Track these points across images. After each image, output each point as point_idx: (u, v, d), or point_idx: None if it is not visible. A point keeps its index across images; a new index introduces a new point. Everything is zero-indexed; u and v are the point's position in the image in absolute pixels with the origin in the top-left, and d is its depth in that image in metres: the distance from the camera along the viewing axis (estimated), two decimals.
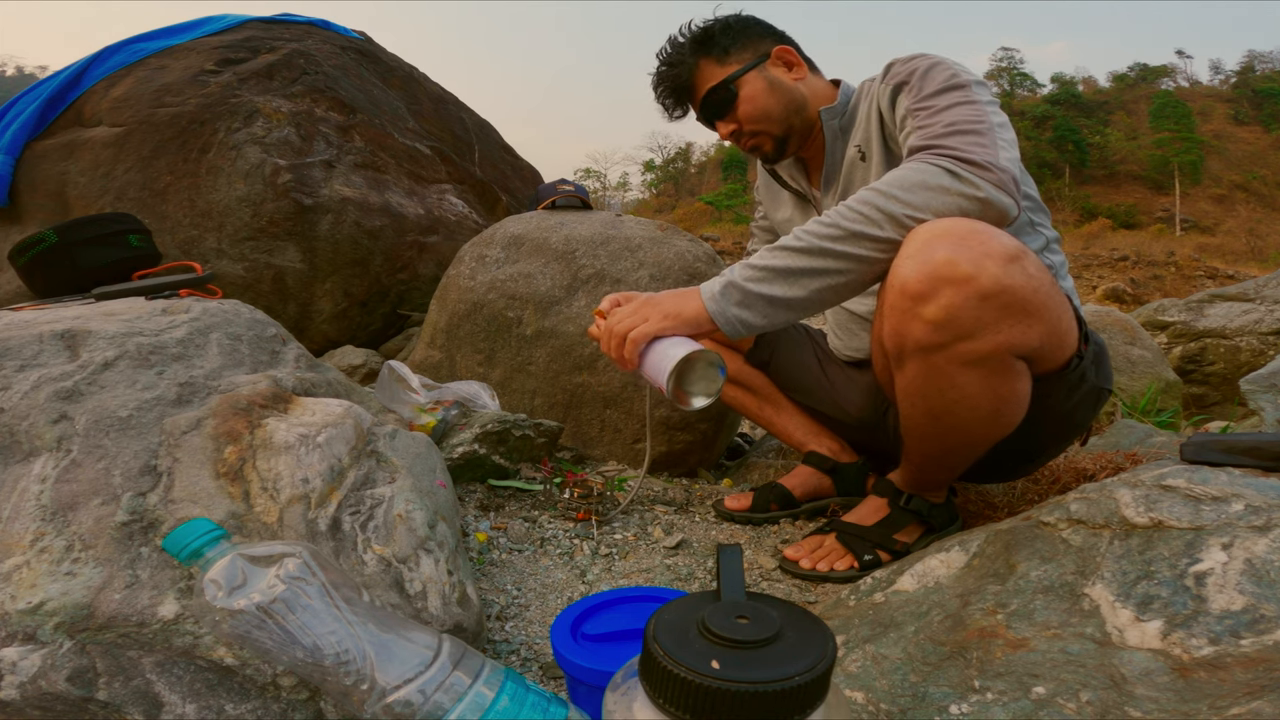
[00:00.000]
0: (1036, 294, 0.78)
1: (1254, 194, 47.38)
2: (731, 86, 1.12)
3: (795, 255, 0.85)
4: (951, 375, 0.82)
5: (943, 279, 0.75)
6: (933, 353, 0.81)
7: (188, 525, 0.58)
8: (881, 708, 0.64)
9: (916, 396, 0.89)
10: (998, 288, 0.74)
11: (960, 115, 0.89)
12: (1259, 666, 0.51)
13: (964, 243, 0.75)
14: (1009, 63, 61.29)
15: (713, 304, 0.87)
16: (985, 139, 0.86)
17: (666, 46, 1.18)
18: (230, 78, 2.60)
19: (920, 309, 0.78)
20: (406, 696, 0.52)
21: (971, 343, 0.77)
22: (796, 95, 1.14)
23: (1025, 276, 0.76)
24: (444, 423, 1.33)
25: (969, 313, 0.75)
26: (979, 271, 0.74)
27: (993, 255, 0.74)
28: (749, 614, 0.40)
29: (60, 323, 0.87)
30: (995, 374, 0.81)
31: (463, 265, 1.91)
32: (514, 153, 3.78)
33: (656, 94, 1.20)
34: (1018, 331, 0.78)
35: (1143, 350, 2.39)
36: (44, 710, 0.57)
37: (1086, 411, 1.03)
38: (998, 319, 0.76)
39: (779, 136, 1.15)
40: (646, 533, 1.26)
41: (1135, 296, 16.22)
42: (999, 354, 0.79)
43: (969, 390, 0.82)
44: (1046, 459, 1.16)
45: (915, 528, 1.09)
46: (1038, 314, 0.79)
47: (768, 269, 0.85)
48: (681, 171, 67.13)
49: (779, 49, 1.15)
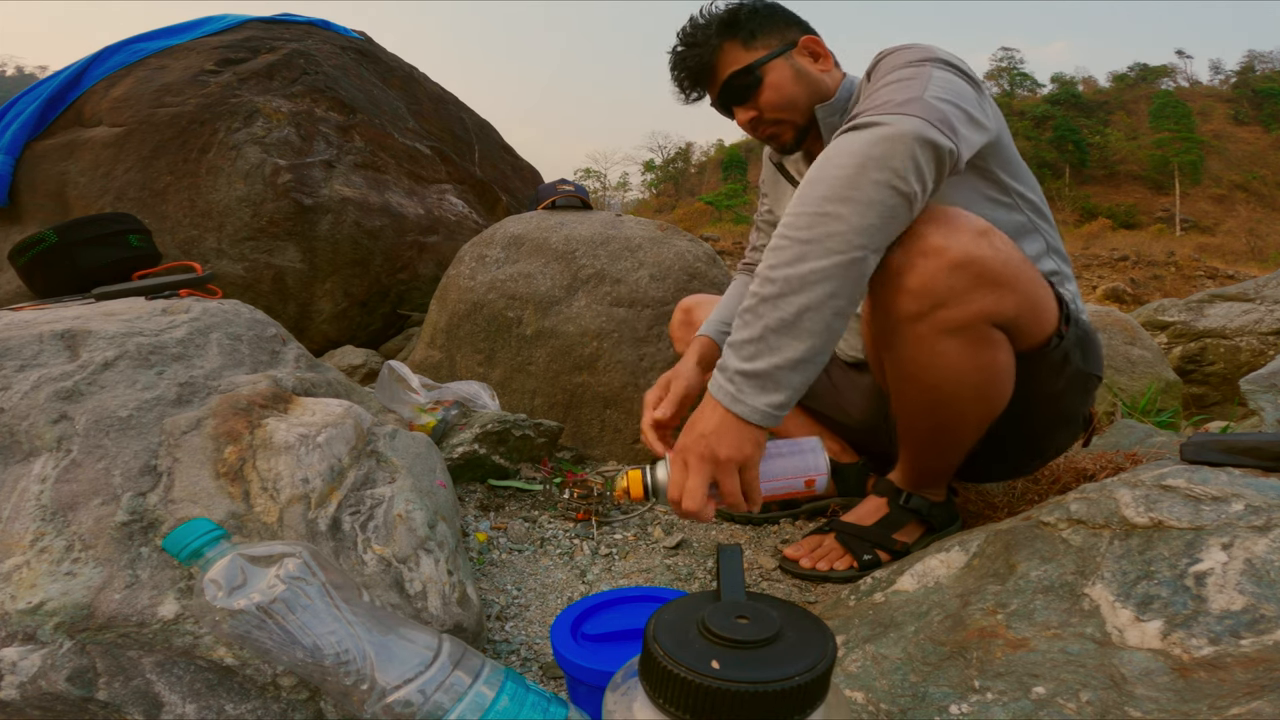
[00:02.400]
0: (1006, 266, 0.85)
1: (1254, 194, 47.38)
2: (757, 72, 1.09)
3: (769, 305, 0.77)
4: (934, 343, 0.87)
5: (917, 252, 0.83)
6: (916, 322, 0.87)
7: (188, 525, 0.58)
8: (881, 708, 0.64)
9: (905, 370, 0.93)
10: (967, 258, 0.82)
11: (892, 89, 0.85)
12: (1259, 666, 0.51)
13: (936, 222, 0.83)
14: (1009, 63, 61.34)
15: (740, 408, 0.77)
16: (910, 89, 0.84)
17: (687, 26, 1.14)
18: (230, 78, 2.60)
19: (900, 280, 0.85)
20: (406, 696, 0.52)
21: (949, 310, 0.84)
22: (822, 86, 1.12)
23: (993, 249, 0.84)
24: (444, 423, 1.33)
25: (943, 281, 0.83)
26: (950, 244, 0.82)
27: (962, 230, 0.83)
28: (749, 614, 0.40)
29: (60, 323, 0.87)
30: (975, 342, 0.87)
31: (463, 265, 1.91)
32: (514, 153, 3.78)
33: (674, 74, 1.15)
34: (991, 300, 0.85)
35: (1143, 350, 2.39)
36: (44, 710, 0.57)
37: (1076, 397, 1.02)
38: (970, 287, 0.83)
39: (801, 126, 1.13)
40: (646, 533, 1.26)
41: (1135, 296, 16.23)
42: (976, 321, 0.85)
43: (952, 359, 0.88)
44: (1046, 451, 1.13)
45: (915, 527, 1.10)
46: (1009, 285, 0.85)
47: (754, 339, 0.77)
48: (681, 171, 67.15)
49: (806, 38, 1.13)
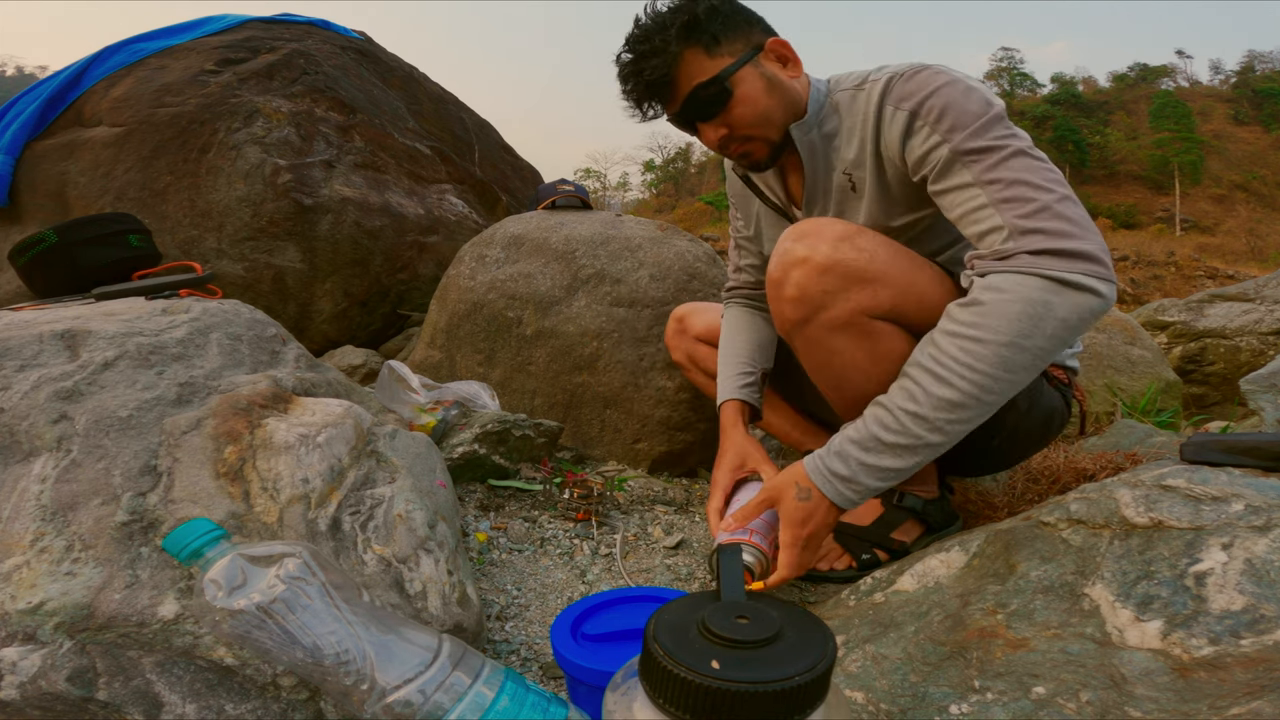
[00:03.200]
0: (872, 263, 0.89)
1: (1254, 194, 47.37)
2: (726, 84, 0.96)
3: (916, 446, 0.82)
4: (827, 343, 0.94)
5: (789, 264, 0.91)
6: (804, 326, 0.94)
7: (188, 525, 0.58)
8: (881, 708, 0.64)
9: (815, 372, 1.00)
10: (829, 262, 0.89)
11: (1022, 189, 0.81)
12: (1259, 666, 0.51)
13: (802, 236, 0.91)
14: (1009, 63, 61.33)
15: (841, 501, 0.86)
16: (1066, 217, 0.80)
17: (636, 30, 0.98)
18: (230, 78, 2.60)
19: (782, 292, 0.93)
20: (406, 696, 0.52)
21: (828, 311, 0.91)
22: (794, 96, 1.01)
23: (855, 250, 0.89)
24: (444, 423, 1.33)
25: (814, 285, 0.90)
26: (812, 252, 0.90)
27: (823, 238, 0.90)
28: (749, 614, 0.40)
29: (60, 323, 0.87)
30: (862, 336, 0.92)
31: (463, 265, 1.91)
32: (514, 153, 3.78)
33: (625, 87, 1.00)
34: (865, 295, 0.90)
35: (1143, 350, 2.39)
36: (44, 710, 0.57)
37: None
38: (840, 287, 0.89)
39: (776, 143, 1.02)
40: (646, 533, 1.26)
41: (1135, 296, 16.23)
42: (855, 317, 0.91)
43: (849, 355, 0.94)
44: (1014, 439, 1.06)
45: (913, 526, 1.10)
46: (878, 280, 0.90)
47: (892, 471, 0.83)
48: (681, 171, 67.15)
49: (773, 41, 1.00)
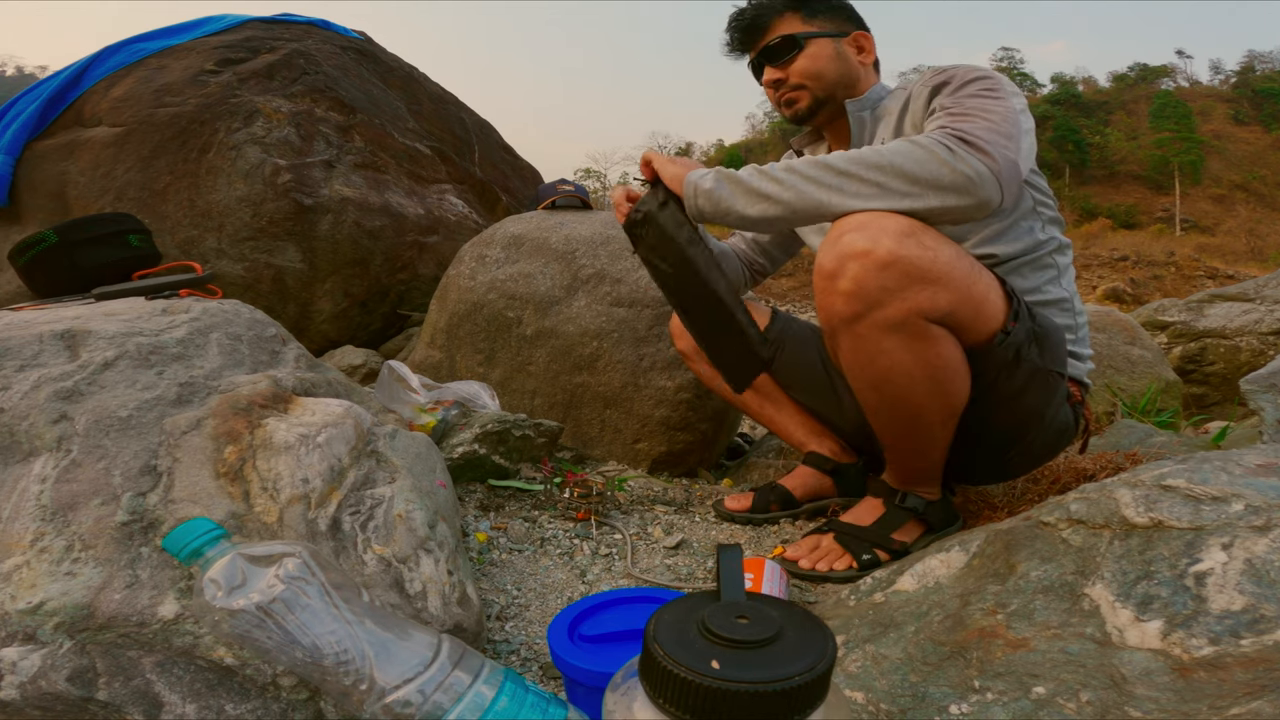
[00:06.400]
0: (935, 263, 0.87)
1: (1254, 194, 47.38)
2: (802, 41, 1.18)
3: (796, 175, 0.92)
4: (876, 342, 0.90)
5: (847, 256, 0.87)
6: (855, 323, 0.90)
7: (188, 525, 0.58)
8: (881, 708, 0.64)
9: (855, 370, 0.96)
10: (892, 257, 0.85)
11: (980, 104, 0.94)
12: (1259, 666, 0.51)
13: (863, 228, 0.87)
14: (1009, 63, 61.31)
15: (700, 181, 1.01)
16: (997, 127, 0.90)
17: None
18: (230, 78, 2.60)
19: (835, 285, 0.89)
20: (406, 696, 0.52)
21: (883, 310, 0.88)
22: (855, 74, 1.20)
23: (920, 248, 0.86)
24: (444, 423, 1.33)
25: (873, 281, 0.86)
26: (875, 245, 0.85)
27: (887, 232, 0.86)
28: (749, 614, 0.40)
29: (60, 323, 0.87)
30: (915, 339, 0.89)
31: (463, 265, 1.91)
32: (514, 153, 3.78)
33: (729, 24, 1.24)
34: (924, 296, 0.87)
35: (1143, 350, 2.39)
36: (44, 710, 0.57)
37: (1040, 395, 1.01)
38: (900, 285, 0.86)
39: (820, 98, 1.20)
40: (646, 533, 1.26)
41: (1135, 296, 16.23)
42: (911, 318, 0.88)
43: (897, 356, 0.91)
44: (1030, 451, 1.09)
45: (914, 526, 1.10)
46: (940, 281, 0.87)
47: (760, 171, 0.95)
48: None
49: (858, 33, 1.22)
